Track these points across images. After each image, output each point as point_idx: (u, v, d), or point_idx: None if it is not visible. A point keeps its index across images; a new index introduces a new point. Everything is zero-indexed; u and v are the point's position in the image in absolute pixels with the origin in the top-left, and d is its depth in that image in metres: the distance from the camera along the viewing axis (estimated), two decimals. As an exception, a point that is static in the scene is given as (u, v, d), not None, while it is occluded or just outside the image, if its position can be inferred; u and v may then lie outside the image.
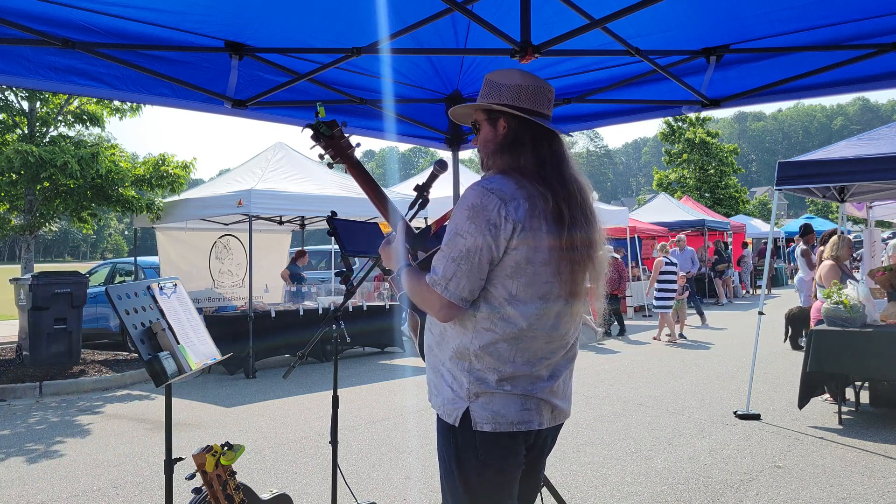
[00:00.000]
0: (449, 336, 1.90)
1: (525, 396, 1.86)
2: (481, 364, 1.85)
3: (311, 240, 16.60)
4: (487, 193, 1.81)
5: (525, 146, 1.90)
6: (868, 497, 4.19)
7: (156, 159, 10.70)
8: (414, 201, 2.91)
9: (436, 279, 1.82)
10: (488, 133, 1.98)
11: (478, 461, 1.87)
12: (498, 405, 1.84)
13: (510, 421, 1.85)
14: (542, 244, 1.82)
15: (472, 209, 1.80)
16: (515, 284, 1.82)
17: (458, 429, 1.87)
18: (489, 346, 1.84)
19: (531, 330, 1.84)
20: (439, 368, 1.95)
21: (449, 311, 1.83)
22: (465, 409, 1.86)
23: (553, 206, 1.83)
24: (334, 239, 3.18)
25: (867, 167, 6.13)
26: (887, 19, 2.87)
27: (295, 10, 2.91)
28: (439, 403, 1.94)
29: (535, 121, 1.92)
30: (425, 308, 1.91)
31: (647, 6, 2.42)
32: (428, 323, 2.02)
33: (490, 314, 1.83)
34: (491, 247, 1.78)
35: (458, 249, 1.80)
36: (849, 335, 5.61)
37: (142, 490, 4.59)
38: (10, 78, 2.82)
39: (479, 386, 1.85)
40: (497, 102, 1.93)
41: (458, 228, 1.81)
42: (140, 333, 2.74)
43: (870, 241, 8.93)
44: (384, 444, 5.55)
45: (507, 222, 1.78)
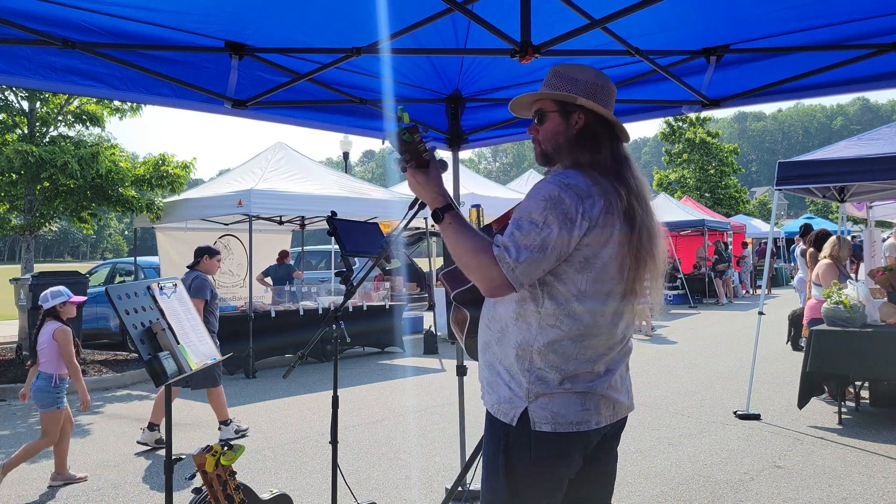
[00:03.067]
0: (511, 332, 1.87)
1: (584, 394, 1.84)
2: (543, 362, 1.82)
3: (311, 240, 16.60)
4: (565, 188, 1.78)
5: (602, 143, 1.89)
6: (868, 497, 4.19)
7: (156, 159, 10.69)
8: (414, 201, 2.92)
9: (505, 258, 1.74)
10: (559, 125, 1.94)
11: (529, 462, 1.84)
12: (558, 405, 1.82)
13: (569, 421, 1.83)
14: (612, 241, 1.81)
15: (549, 201, 1.77)
16: (583, 280, 1.81)
17: (514, 428, 1.84)
18: (553, 343, 1.82)
19: (595, 327, 1.83)
20: (495, 366, 1.92)
21: (504, 290, 1.78)
22: (524, 408, 1.83)
23: (627, 204, 1.83)
24: (334, 239, 3.19)
25: (867, 167, 6.13)
26: (887, 19, 2.87)
27: (295, 10, 2.91)
28: (494, 401, 1.91)
29: (610, 120, 1.92)
30: (475, 275, 1.81)
31: (647, 6, 2.42)
32: (485, 319, 1.98)
33: (556, 310, 1.81)
34: (564, 241, 1.76)
35: (530, 237, 1.75)
36: (849, 335, 5.61)
37: (142, 490, 4.59)
38: (10, 78, 2.82)
39: (539, 386, 1.83)
40: (577, 96, 1.92)
41: (533, 217, 1.77)
42: (140, 333, 2.74)
43: (870, 241, 8.93)
44: (384, 444, 5.55)
45: (584, 220, 1.76)
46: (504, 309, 1.90)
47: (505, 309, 1.90)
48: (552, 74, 1.98)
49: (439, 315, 11.32)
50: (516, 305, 1.87)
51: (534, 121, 2.01)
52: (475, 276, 1.80)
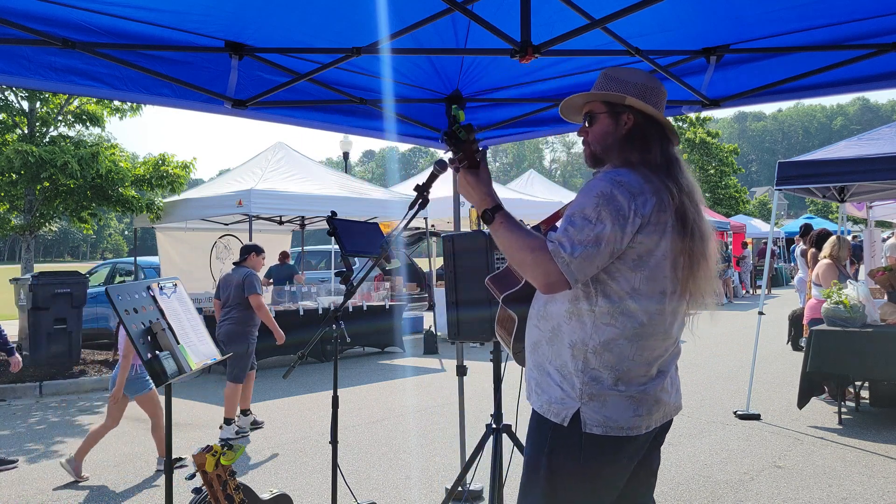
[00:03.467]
0: (564, 332, 1.86)
1: (637, 398, 1.83)
2: (598, 361, 1.81)
3: (311, 240, 16.61)
4: (618, 185, 1.78)
5: (652, 143, 1.90)
6: (868, 497, 4.19)
7: (156, 159, 10.70)
8: (414, 201, 2.91)
9: (561, 253, 1.74)
10: (608, 126, 1.95)
11: (577, 464, 1.83)
12: (611, 409, 1.81)
13: (620, 426, 1.82)
14: (665, 239, 1.81)
15: (603, 197, 1.76)
16: (637, 278, 1.80)
17: (565, 429, 1.83)
18: (609, 342, 1.81)
19: (651, 326, 1.83)
20: (545, 366, 1.90)
21: (560, 286, 1.77)
22: (576, 409, 1.82)
23: (679, 202, 1.83)
24: (334, 239, 3.19)
25: (867, 167, 6.13)
26: (887, 19, 2.87)
27: (295, 9, 2.91)
28: (544, 401, 1.89)
29: (660, 121, 1.94)
30: (531, 271, 1.79)
31: (647, 6, 2.42)
32: (534, 319, 1.96)
33: (611, 309, 1.81)
34: (617, 238, 1.75)
35: (585, 233, 1.74)
36: (849, 335, 5.61)
37: (142, 490, 4.59)
38: (10, 78, 2.82)
39: (593, 386, 1.81)
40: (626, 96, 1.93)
41: (587, 213, 1.76)
42: (140, 333, 2.74)
43: (870, 241, 8.94)
44: (384, 444, 5.55)
45: (636, 217, 1.76)
46: (556, 308, 1.89)
47: (557, 308, 1.88)
48: (602, 78, 2.00)
49: (439, 315, 11.32)
50: (569, 304, 1.85)
51: (584, 124, 2.02)
52: (531, 272, 1.79)
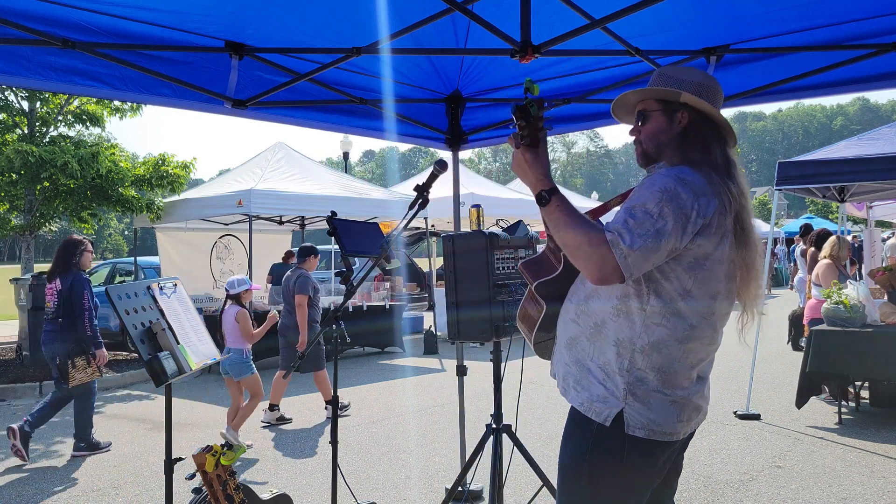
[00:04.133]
0: (609, 329, 1.80)
1: (681, 403, 1.80)
2: (645, 362, 1.77)
3: (311, 240, 16.55)
4: (681, 183, 1.72)
5: (711, 142, 1.85)
6: (868, 497, 4.19)
7: (156, 159, 10.70)
8: (414, 201, 2.92)
9: (620, 244, 1.65)
10: (662, 123, 1.90)
11: (618, 465, 1.80)
12: (655, 412, 1.77)
13: (664, 430, 1.78)
14: (723, 243, 1.76)
15: (666, 193, 1.70)
16: (691, 280, 1.75)
17: (607, 429, 1.79)
18: (659, 343, 1.76)
19: (700, 329, 1.79)
20: (586, 363, 1.85)
21: (613, 278, 1.68)
22: (620, 410, 1.78)
23: (739, 206, 1.78)
24: (334, 239, 3.18)
25: (867, 167, 6.13)
26: (887, 19, 2.87)
27: (295, 10, 2.91)
28: (584, 399, 1.83)
29: (717, 120, 1.88)
30: (585, 259, 1.70)
31: (647, 6, 2.42)
32: (571, 314, 1.91)
33: (662, 309, 1.76)
34: (677, 236, 1.69)
35: (645, 227, 1.67)
36: (849, 335, 5.61)
37: (142, 490, 4.59)
38: (10, 78, 2.82)
39: (637, 387, 1.77)
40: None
41: (649, 208, 1.69)
42: (140, 333, 2.74)
43: (870, 241, 8.94)
44: (384, 444, 5.55)
45: (698, 217, 1.70)
46: (601, 303, 1.83)
47: (602, 303, 1.82)
48: (656, 76, 1.95)
49: (439, 315, 11.32)
50: (617, 301, 1.79)
51: (636, 123, 1.97)
52: (585, 260, 1.70)
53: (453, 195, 4.47)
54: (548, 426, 5.94)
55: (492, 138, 4.45)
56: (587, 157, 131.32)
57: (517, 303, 3.16)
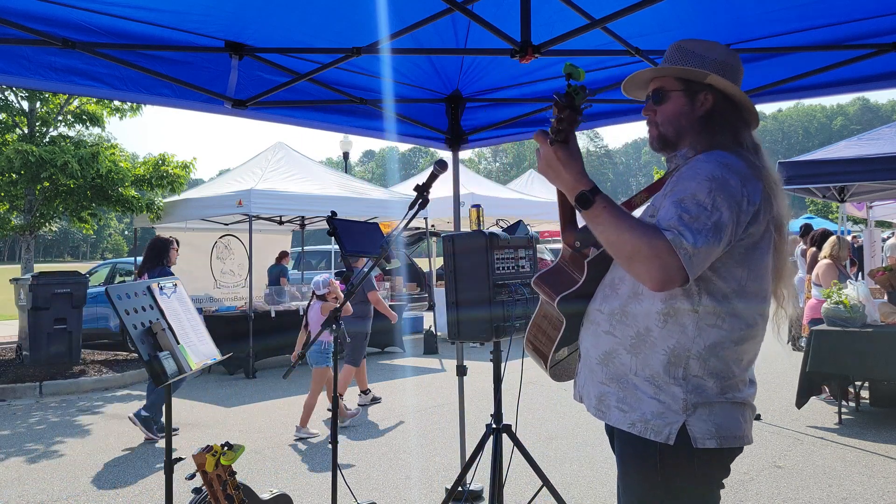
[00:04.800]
0: (656, 337, 1.63)
1: (743, 405, 1.66)
2: (702, 368, 1.60)
3: (311, 240, 16.59)
4: (727, 169, 1.57)
5: (737, 126, 1.71)
6: (868, 497, 4.19)
7: (156, 159, 10.70)
8: (414, 201, 2.92)
9: (682, 243, 1.49)
10: (683, 105, 1.74)
11: (694, 484, 1.63)
12: (721, 416, 1.61)
13: (735, 435, 1.62)
14: (768, 231, 1.63)
15: (714, 181, 1.55)
16: (744, 274, 1.61)
17: (671, 448, 1.60)
18: (716, 346, 1.60)
19: (755, 328, 1.65)
20: (629, 378, 1.66)
21: (675, 283, 1.51)
22: (682, 423, 1.59)
23: (778, 190, 1.65)
24: (334, 239, 3.18)
25: (867, 167, 6.14)
26: (887, 19, 2.87)
27: (295, 9, 2.91)
28: (636, 419, 1.64)
29: (742, 101, 1.73)
30: (645, 265, 1.51)
31: (647, 6, 2.42)
32: (603, 325, 1.72)
33: (716, 308, 1.60)
34: (732, 227, 1.55)
35: (702, 221, 1.51)
36: (849, 335, 5.60)
37: (142, 490, 4.59)
38: (10, 78, 2.82)
39: (698, 395, 1.60)
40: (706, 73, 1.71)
41: (701, 199, 1.54)
42: (140, 333, 2.74)
43: (870, 241, 8.94)
44: (384, 444, 5.55)
45: (749, 205, 1.57)
46: (642, 308, 1.65)
47: (644, 308, 1.65)
48: (676, 50, 1.78)
49: (439, 315, 11.32)
50: (662, 304, 1.62)
51: (648, 101, 1.81)
52: (645, 266, 1.51)
53: (453, 195, 4.47)
54: (548, 426, 5.94)
55: (492, 138, 4.45)
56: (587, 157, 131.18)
57: (517, 303, 3.16)
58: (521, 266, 3.29)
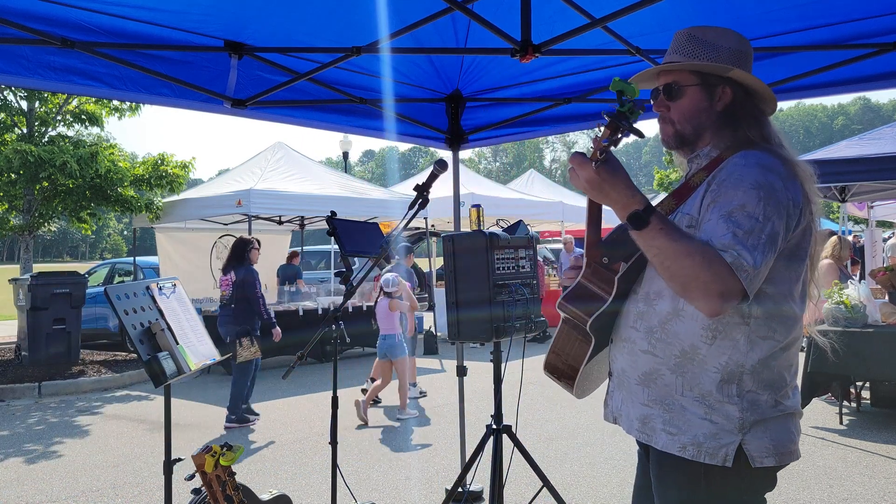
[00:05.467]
0: (704, 355, 1.53)
1: (793, 415, 1.58)
2: (756, 382, 1.51)
3: (310, 240, 16.59)
4: (768, 171, 1.49)
5: (759, 119, 1.62)
6: (869, 497, 4.18)
7: (155, 159, 10.69)
8: (414, 201, 2.91)
9: (743, 265, 1.40)
10: (701, 101, 1.63)
11: (750, 501, 1.57)
12: (776, 431, 1.53)
13: (791, 450, 1.55)
14: (809, 230, 1.55)
15: (762, 188, 1.46)
16: (792, 277, 1.53)
17: (729, 470, 1.50)
18: (768, 358, 1.52)
19: (800, 329, 1.58)
20: (676, 399, 1.56)
21: (735, 304, 1.43)
22: (738, 443, 1.50)
23: (813, 184, 1.57)
24: (334, 239, 3.18)
25: (868, 167, 6.14)
26: (887, 19, 2.86)
27: (295, 9, 2.90)
28: (687, 442, 1.53)
29: (762, 94, 1.64)
30: (698, 288, 1.41)
31: (647, 5, 2.41)
32: (642, 343, 1.62)
33: (767, 318, 1.51)
34: (783, 235, 1.47)
35: (756, 235, 1.43)
36: (850, 335, 5.59)
37: (141, 491, 4.58)
38: (10, 77, 2.81)
39: (753, 412, 1.51)
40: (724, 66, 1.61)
41: (749, 210, 1.44)
42: (139, 334, 2.73)
43: (871, 241, 8.93)
44: (384, 445, 5.55)
45: (794, 207, 1.49)
46: (685, 326, 1.55)
47: (687, 326, 1.55)
48: (686, 39, 1.66)
49: (439, 315, 11.31)
50: (709, 320, 1.51)
51: (659, 97, 1.70)
52: (703, 289, 1.41)
53: (453, 195, 4.46)
54: (548, 427, 5.93)
55: (492, 138, 4.45)
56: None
57: (517, 303, 3.15)
58: (521, 266, 3.28)
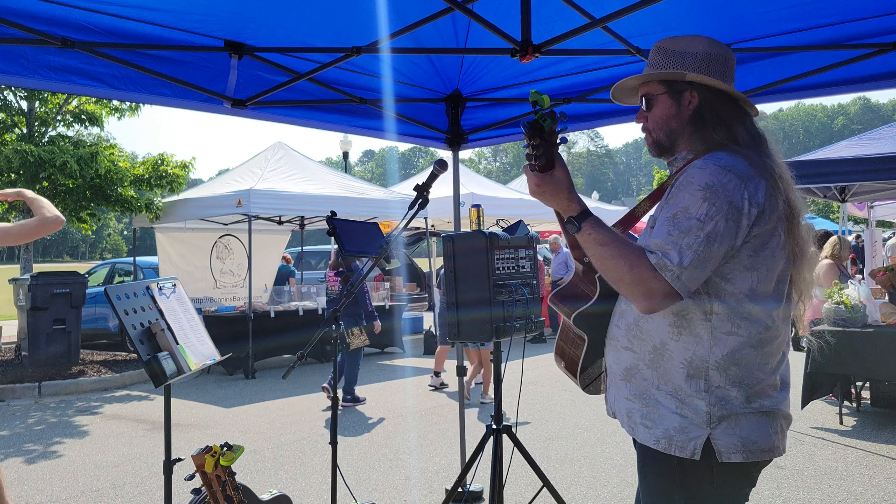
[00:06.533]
0: (672, 350, 1.60)
1: (772, 414, 1.62)
2: (723, 378, 1.57)
3: (310, 240, 16.59)
4: (723, 171, 1.53)
5: (730, 119, 1.66)
6: (869, 497, 4.18)
7: (155, 159, 10.69)
8: (414, 201, 2.91)
9: (668, 265, 1.49)
10: (670, 108, 1.71)
11: (721, 496, 1.61)
12: (747, 428, 1.57)
13: (762, 448, 1.58)
14: (779, 228, 1.58)
15: (709, 189, 1.52)
16: (755, 276, 1.57)
17: (697, 463, 1.57)
18: (734, 353, 1.57)
19: (774, 328, 1.61)
20: (651, 394, 1.64)
21: (668, 303, 1.53)
22: (706, 437, 1.56)
23: (785, 185, 1.60)
24: (334, 239, 3.18)
25: (868, 167, 6.13)
26: (887, 19, 2.86)
27: (295, 9, 2.90)
28: (660, 435, 1.61)
29: (731, 93, 1.68)
30: (630, 290, 1.54)
31: (647, 5, 2.41)
32: (622, 340, 1.71)
33: (730, 314, 1.56)
34: (732, 234, 1.52)
35: (693, 235, 1.50)
36: (850, 335, 5.60)
37: (141, 491, 4.58)
38: (10, 77, 2.81)
39: (722, 408, 1.56)
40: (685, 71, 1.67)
41: (692, 211, 1.52)
42: (139, 334, 2.73)
43: (871, 241, 8.93)
44: (384, 445, 5.54)
45: (752, 206, 1.52)
46: (654, 323, 1.63)
47: (656, 323, 1.63)
48: (656, 51, 1.75)
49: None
50: (674, 316, 1.60)
51: (641, 108, 1.79)
52: (630, 291, 1.55)
53: (453, 195, 4.46)
54: (548, 426, 5.93)
55: (492, 138, 4.44)
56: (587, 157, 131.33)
57: (517, 303, 3.15)
58: (521, 266, 3.28)
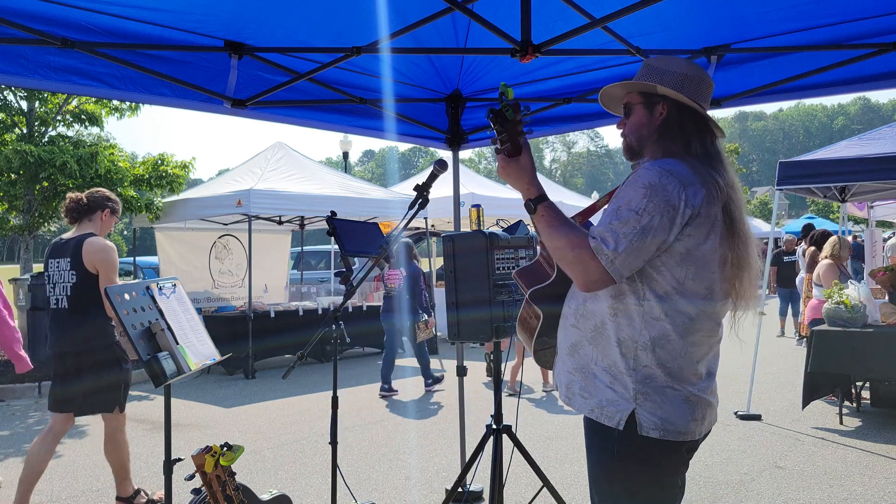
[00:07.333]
0: (609, 329, 1.79)
1: (693, 401, 1.78)
2: (650, 358, 1.75)
3: (310, 240, 16.59)
4: (666, 174, 1.72)
5: (690, 135, 1.84)
6: (869, 498, 4.18)
7: (155, 159, 10.68)
8: (414, 201, 2.92)
9: (604, 250, 1.68)
10: (643, 117, 1.91)
11: (643, 466, 1.78)
12: (667, 411, 1.75)
13: (678, 430, 1.76)
14: (713, 234, 1.75)
15: (651, 188, 1.70)
16: (684, 272, 1.74)
17: (623, 432, 1.76)
18: (660, 338, 1.75)
19: (700, 321, 1.77)
20: (590, 368, 1.83)
21: (602, 284, 1.72)
22: (631, 411, 1.75)
23: (726, 196, 1.78)
24: (334, 239, 3.18)
25: (868, 167, 6.12)
26: (887, 19, 2.86)
27: (295, 9, 2.90)
28: (594, 405, 1.81)
29: (699, 111, 1.86)
30: (571, 269, 1.75)
31: (647, 5, 2.41)
32: (570, 318, 1.89)
33: (659, 303, 1.74)
34: (666, 230, 1.70)
35: (630, 226, 1.68)
36: (850, 335, 5.60)
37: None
38: (10, 77, 2.81)
39: (647, 385, 1.75)
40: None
41: (633, 205, 1.70)
42: (139, 333, 2.73)
43: (871, 242, 8.93)
44: (384, 445, 5.54)
45: (687, 207, 1.70)
46: (598, 305, 1.81)
47: (600, 305, 1.81)
48: (643, 66, 1.95)
49: (439, 315, 11.31)
50: (613, 300, 1.78)
51: (623, 117, 1.98)
52: (571, 269, 1.75)
53: (453, 195, 4.46)
54: (548, 426, 5.93)
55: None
56: (587, 157, 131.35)
57: (517, 303, 3.15)
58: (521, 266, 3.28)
